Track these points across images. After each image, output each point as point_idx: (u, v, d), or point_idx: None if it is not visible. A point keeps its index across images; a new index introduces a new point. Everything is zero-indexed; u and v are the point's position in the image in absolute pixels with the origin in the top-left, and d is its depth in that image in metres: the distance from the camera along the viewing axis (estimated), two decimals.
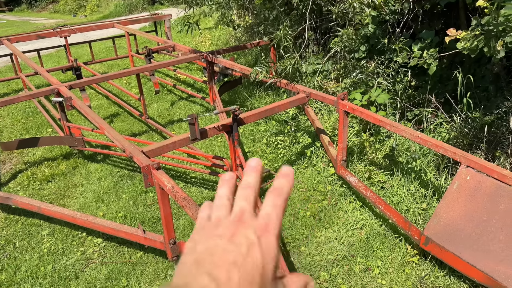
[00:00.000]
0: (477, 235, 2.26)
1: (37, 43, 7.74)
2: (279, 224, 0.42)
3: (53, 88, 3.36)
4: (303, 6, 4.41)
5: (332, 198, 3.09)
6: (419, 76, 3.69)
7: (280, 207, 0.43)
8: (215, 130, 2.80)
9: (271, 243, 0.40)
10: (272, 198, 0.44)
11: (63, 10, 18.77)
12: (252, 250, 0.39)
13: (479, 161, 2.28)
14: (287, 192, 0.45)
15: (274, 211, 0.43)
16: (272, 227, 0.42)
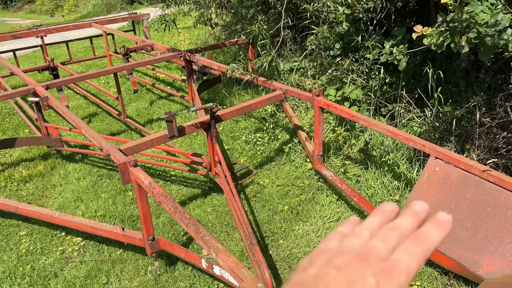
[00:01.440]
0: None
1: (13, 44, 7.61)
2: (408, 276, 0.35)
3: (29, 88, 3.34)
4: (279, 4, 4.47)
5: (309, 193, 3.15)
6: (393, 73, 3.79)
7: (417, 257, 0.36)
8: (193, 127, 2.83)
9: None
10: (411, 243, 0.37)
11: (40, 10, 18.43)
12: None
13: (447, 153, 2.37)
14: (434, 243, 0.37)
15: (407, 258, 0.36)
16: (398, 275, 0.35)
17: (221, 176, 2.99)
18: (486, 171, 2.20)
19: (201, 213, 3.12)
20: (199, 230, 1.87)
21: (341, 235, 0.41)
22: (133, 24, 6.52)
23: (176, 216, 1.98)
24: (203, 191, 3.37)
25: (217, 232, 2.91)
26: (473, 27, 2.24)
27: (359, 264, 0.36)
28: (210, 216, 3.07)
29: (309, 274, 0.37)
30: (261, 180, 3.41)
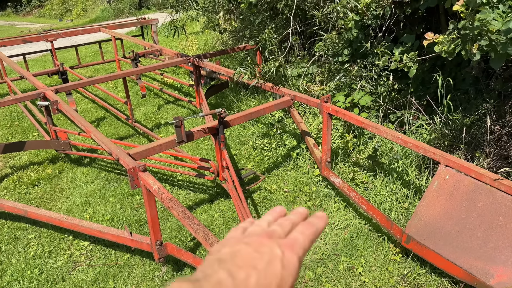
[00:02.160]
0: (456, 232, 2.33)
1: (23, 48, 7.70)
2: (304, 250, 0.46)
3: (39, 92, 3.36)
4: (288, 11, 4.48)
5: (317, 199, 3.14)
6: (402, 79, 3.78)
7: (308, 237, 0.47)
8: (201, 132, 2.83)
9: (293, 260, 0.44)
10: (303, 226, 0.48)
11: (49, 15, 18.62)
12: (274, 261, 0.43)
13: (457, 161, 2.35)
14: (318, 228, 0.49)
15: (301, 236, 0.47)
16: (297, 248, 0.45)
17: (228, 182, 2.99)
18: (498, 179, 2.18)
19: (208, 218, 3.12)
20: (208, 236, 1.86)
21: (243, 228, 0.50)
22: (141, 29, 6.57)
23: (185, 222, 1.97)
24: (210, 196, 3.36)
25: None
26: (485, 34, 2.23)
27: (265, 240, 0.45)
28: (217, 222, 3.06)
29: (224, 253, 0.44)
30: (268, 186, 3.40)
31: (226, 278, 0.41)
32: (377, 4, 3.37)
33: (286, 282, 0.43)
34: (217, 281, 0.40)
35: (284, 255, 0.44)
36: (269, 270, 0.42)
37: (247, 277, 0.41)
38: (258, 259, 0.43)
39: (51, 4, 19.23)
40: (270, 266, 0.42)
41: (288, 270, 0.43)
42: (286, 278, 0.43)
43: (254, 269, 0.42)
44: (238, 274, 0.41)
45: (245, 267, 0.42)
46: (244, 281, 0.40)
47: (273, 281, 0.42)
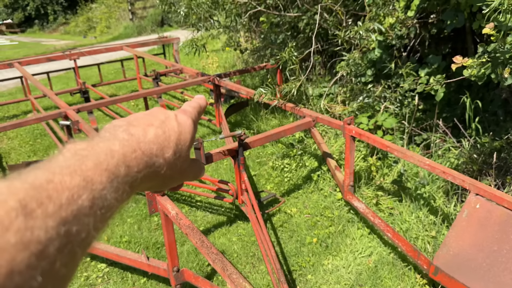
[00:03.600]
0: (488, 265, 2.20)
1: (47, 65, 7.87)
2: (195, 115, 0.53)
3: (61, 112, 3.39)
4: (309, 30, 4.45)
5: (339, 224, 3.04)
6: (427, 100, 3.67)
7: (195, 108, 0.54)
8: (220, 154, 2.78)
9: (187, 120, 0.50)
10: (188, 102, 0.56)
11: (74, 32, 19.18)
12: (169, 120, 0.48)
13: (488, 189, 2.23)
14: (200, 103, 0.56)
15: (189, 107, 0.53)
16: (189, 112, 0.52)
17: (247, 205, 2.92)
18: None
19: (226, 242, 3.04)
20: (226, 267, 1.79)
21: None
22: (163, 47, 6.64)
23: (202, 250, 1.91)
24: (228, 219, 3.30)
25: (242, 263, 2.82)
26: None
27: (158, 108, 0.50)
28: (235, 246, 2.99)
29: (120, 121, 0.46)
30: (288, 209, 3.32)
31: (122, 133, 0.43)
32: (401, 24, 3.30)
33: (185, 137, 0.48)
34: (113, 136, 0.42)
35: (178, 116, 0.49)
36: (166, 125, 0.46)
37: (144, 132, 0.44)
38: (154, 119, 0.46)
39: (76, 21, 19.83)
40: (166, 123, 0.47)
41: (184, 127, 0.48)
42: (184, 134, 0.48)
43: (151, 125, 0.45)
44: (135, 130, 0.44)
45: (141, 126, 0.45)
46: (142, 135, 0.43)
47: (172, 135, 0.46)
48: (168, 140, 0.45)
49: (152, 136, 0.44)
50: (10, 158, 4.53)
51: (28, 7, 21.57)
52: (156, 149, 0.44)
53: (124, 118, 0.48)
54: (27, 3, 21.60)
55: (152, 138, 0.44)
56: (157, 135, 0.45)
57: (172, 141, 0.46)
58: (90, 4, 19.63)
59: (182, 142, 0.47)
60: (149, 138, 0.43)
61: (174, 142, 0.46)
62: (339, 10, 3.53)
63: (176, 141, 0.46)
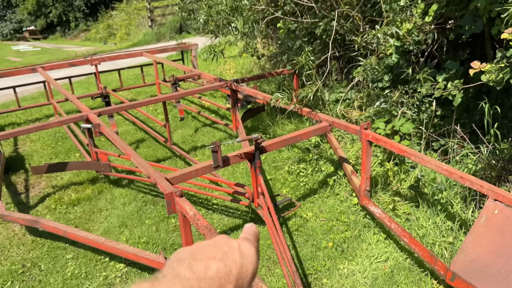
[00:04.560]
0: (507, 272, 2.17)
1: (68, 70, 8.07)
2: (257, 245, 0.52)
3: (82, 115, 3.48)
4: (326, 36, 4.47)
5: (355, 229, 3.03)
6: (445, 106, 3.65)
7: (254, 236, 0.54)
8: (237, 158, 2.82)
9: (250, 250, 0.49)
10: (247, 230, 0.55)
11: (94, 38, 19.59)
12: (232, 251, 0.47)
13: (507, 195, 2.21)
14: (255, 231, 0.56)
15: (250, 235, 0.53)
16: (252, 240, 0.51)
17: (263, 208, 2.95)
18: None
19: None
20: None
21: None
22: (182, 53, 6.75)
23: None
24: (244, 222, 3.32)
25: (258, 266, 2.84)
26: None
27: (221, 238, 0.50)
28: None
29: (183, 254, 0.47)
30: (304, 213, 3.33)
31: (184, 271, 0.43)
32: (418, 30, 3.30)
33: (247, 269, 0.47)
34: (175, 275, 0.43)
35: (241, 246, 0.49)
36: (228, 258, 0.46)
37: (206, 267, 0.43)
38: (216, 251, 0.46)
39: (97, 28, 20.25)
40: (229, 255, 0.46)
41: (247, 258, 0.47)
42: (246, 266, 0.47)
43: (213, 259, 0.45)
44: (197, 266, 0.43)
45: (204, 260, 0.44)
46: (203, 271, 0.43)
47: (234, 268, 0.45)
48: (229, 275, 0.44)
49: (213, 272, 0.43)
50: (32, 160, 4.67)
51: (51, 14, 22.12)
52: (216, 287, 0.43)
53: (189, 248, 0.47)
54: (49, 11, 22.17)
55: (213, 274, 0.43)
56: (219, 270, 0.44)
57: (233, 275, 0.45)
58: (110, 11, 20.04)
59: (244, 276, 0.46)
60: (210, 275, 0.43)
61: (235, 277, 0.45)
62: (356, 16, 3.55)
63: (237, 275, 0.45)
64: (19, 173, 4.39)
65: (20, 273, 2.90)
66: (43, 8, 22.34)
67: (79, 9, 21.96)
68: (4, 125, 5.88)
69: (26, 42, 22.57)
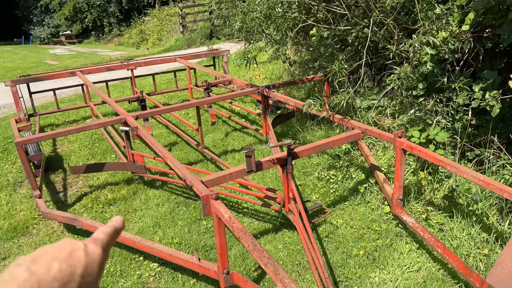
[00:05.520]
0: None
1: (103, 74, 8.35)
2: (106, 242, 0.54)
3: (121, 118, 3.61)
4: (358, 43, 4.47)
5: (387, 238, 3.02)
6: (480, 115, 3.58)
7: (107, 233, 0.55)
8: (270, 163, 2.87)
9: (96, 250, 0.50)
10: (102, 227, 0.56)
11: (127, 43, 20.12)
12: (77, 251, 0.48)
13: None
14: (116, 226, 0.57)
15: (101, 234, 0.55)
16: (99, 241, 0.53)
17: (294, 214, 2.97)
18: None
19: (272, 249, 3.11)
20: (278, 271, 1.85)
21: None
22: (213, 59, 6.87)
23: (254, 254, 1.98)
24: (274, 226, 3.36)
25: (288, 271, 2.87)
26: None
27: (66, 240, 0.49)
28: (281, 253, 3.04)
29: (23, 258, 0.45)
30: (334, 220, 3.34)
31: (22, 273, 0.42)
32: (455, 38, 3.27)
33: (92, 268, 0.48)
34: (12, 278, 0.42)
35: (87, 246, 0.50)
36: (72, 258, 0.46)
37: (48, 268, 0.43)
38: (60, 253, 0.46)
39: (130, 33, 20.81)
40: (73, 255, 0.47)
41: (92, 257, 0.49)
42: (92, 265, 0.48)
43: (56, 260, 0.45)
44: (37, 267, 0.43)
45: (45, 261, 0.44)
46: (45, 272, 0.43)
47: (78, 267, 0.46)
48: (73, 274, 0.45)
49: (55, 272, 0.43)
50: (70, 160, 4.85)
51: (86, 19, 22.91)
52: (58, 285, 0.43)
53: (30, 254, 0.46)
54: (85, 16, 22.96)
55: (55, 274, 0.43)
56: (61, 270, 0.44)
57: (78, 274, 0.46)
58: (143, 17, 20.56)
59: (89, 273, 0.47)
60: (52, 274, 0.43)
61: (80, 275, 0.46)
62: (391, 23, 3.55)
63: (82, 273, 0.46)
64: (57, 172, 4.57)
65: None
66: (79, 13, 23.15)
67: (113, 14, 22.65)
68: (44, 125, 6.14)
69: (62, 46, 23.42)
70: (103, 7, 22.67)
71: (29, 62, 14.70)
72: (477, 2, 2.94)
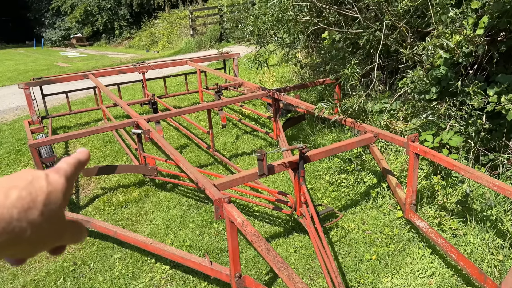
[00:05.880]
0: None
1: (114, 77, 8.43)
2: (69, 172, 0.51)
3: (133, 121, 3.64)
4: (370, 46, 4.46)
5: (399, 243, 3.00)
6: (493, 119, 3.55)
7: (71, 164, 0.52)
8: (282, 166, 2.86)
9: (58, 179, 0.48)
10: (66, 157, 0.54)
11: (137, 46, 20.28)
12: (38, 179, 0.46)
13: None
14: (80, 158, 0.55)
15: (65, 164, 0.52)
16: (62, 171, 0.50)
17: (306, 217, 2.96)
18: None
19: (283, 253, 3.10)
20: (292, 276, 1.85)
21: None
22: (224, 62, 6.90)
23: (268, 258, 1.98)
24: (285, 230, 3.35)
25: (300, 275, 2.86)
26: None
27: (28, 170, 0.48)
28: (292, 257, 3.03)
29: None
30: (345, 224, 3.32)
31: None
32: (469, 42, 3.24)
33: (56, 196, 0.46)
34: None
35: (49, 175, 0.47)
36: (33, 186, 0.44)
37: (6, 196, 0.42)
38: (19, 181, 0.44)
39: (140, 36, 20.97)
40: (33, 183, 0.45)
41: (54, 186, 0.47)
42: (55, 193, 0.46)
43: (15, 188, 0.43)
44: None
45: (3, 189, 0.43)
46: (2, 199, 0.41)
47: (40, 194, 0.44)
48: (34, 201, 0.43)
49: (14, 199, 0.42)
50: None
51: (97, 22, 23.17)
52: (18, 212, 0.42)
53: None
54: (96, 19, 23.22)
55: (14, 201, 0.42)
56: (21, 197, 0.43)
57: (39, 201, 0.44)
58: (153, 20, 20.73)
59: (53, 202, 0.45)
60: (10, 201, 0.42)
61: (42, 203, 0.44)
62: (404, 27, 3.53)
63: (44, 201, 0.44)
64: None
65: (71, 270, 3.06)
66: (90, 16, 23.41)
67: (123, 17, 22.87)
68: (56, 128, 6.20)
69: (73, 48, 23.67)
70: (114, 10, 22.90)
71: (41, 64, 14.88)
72: (492, 5, 2.92)
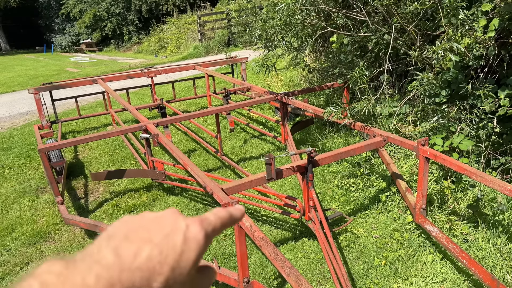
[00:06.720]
0: None
1: (123, 82, 8.48)
2: (213, 228, 0.43)
3: (141, 125, 3.65)
4: (378, 49, 4.44)
5: (409, 248, 2.96)
6: (504, 122, 3.50)
7: (220, 218, 0.45)
8: (290, 170, 2.85)
9: (197, 235, 0.40)
10: (217, 209, 0.46)
11: (146, 51, 20.42)
12: (175, 234, 0.39)
13: None
14: (233, 214, 0.47)
15: (213, 216, 0.44)
16: (205, 224, 0.42)
17: (315, 222, 2.94)
18: None
19: (291, 257, 3.08)
20: (301, 281, 1.83)
21: None
22: (231, 67, 6.91)
23: (276, 263, 1.97)
24: (293, 235, 3.33)
25: (308, 280, 2.84)
26: None
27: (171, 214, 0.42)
28: (301, 262, 3.01)
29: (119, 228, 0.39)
30: (355, 229, 3.29)
31: (108, 255, 0.36)
32: (479, 44, 3.21)
33: (188, 257, 0.39)
34: (96, 259, 0.35)
35: (189, 228, 0.40)
36: (167, 243, 0.38)
37: (136, 252, 0.36)
38: (157, 232, 0.39)
39: (148, 41, 21.12)
40: (168, 239, 0.38)
41: (190, 244, 0.39)
42: (188, 253, 0.39)
43: (149, 242, 0.38)
44: (126, 249, 0.36)
45: (138, 241, 0.37)
46: (131, 258, 0.36)
47: (170, 255, 0.38)
48: (162, 264, 0.37)
49: (142, 260, 0.36)
50: (91, 167, 4.92)
51: (106, 27, 23.38)
52: (141, 278, 0.36)
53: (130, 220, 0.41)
54: (105, 24, 23.43)
55: (142, 263, 0.36)
56: (150, 258, 0.37)
57: (168, 264, 0.37)
58: (162, 25, 20.87)
59: (182, 265, 0.38)
60: (137, 264, 0.36)
61: (170, 266, 0.37)
62: (413, 30, 3.51)
63: (173, 264, 0.38)
64: (79, 178, 4.64)
65: None
66: (99, 22, 23.64)
67: (132, 23, 23.06)
68: (65, 132, 6.25)
69: (82, 54, 23.93)
70: (123, 15, 23.11)
71: (50, 70, 15.05)
72: (503, 8, 2.89)
